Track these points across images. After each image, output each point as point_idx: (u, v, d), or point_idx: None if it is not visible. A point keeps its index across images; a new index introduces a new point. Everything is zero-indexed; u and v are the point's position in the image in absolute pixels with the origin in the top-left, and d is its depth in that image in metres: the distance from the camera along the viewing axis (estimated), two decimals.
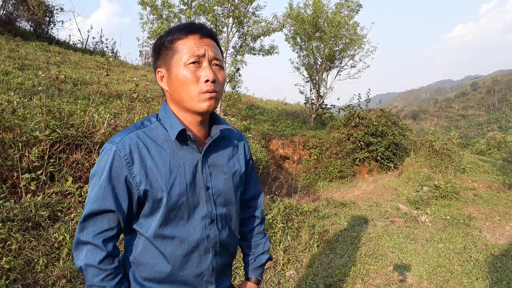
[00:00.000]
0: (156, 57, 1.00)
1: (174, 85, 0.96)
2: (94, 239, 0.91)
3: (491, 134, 26.45)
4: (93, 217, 0.91)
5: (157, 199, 0.94)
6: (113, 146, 0.92)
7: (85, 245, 0.92)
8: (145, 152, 0.94)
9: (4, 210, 2.55)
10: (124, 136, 0.94)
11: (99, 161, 0.94)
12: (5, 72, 6.59)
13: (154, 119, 1.02)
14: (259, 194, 1.29)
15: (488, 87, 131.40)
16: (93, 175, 0.94)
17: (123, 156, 0.91)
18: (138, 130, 0.97)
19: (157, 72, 1.00)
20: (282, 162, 8.32)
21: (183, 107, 0.98)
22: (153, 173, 0.93)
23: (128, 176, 0.92)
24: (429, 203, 5.75)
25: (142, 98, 5.44)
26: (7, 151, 3.02)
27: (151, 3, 7.93)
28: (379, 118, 9.49)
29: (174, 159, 0.97)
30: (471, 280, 3.18)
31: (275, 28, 8.75)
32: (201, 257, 1.02)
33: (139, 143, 0.94)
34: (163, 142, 0.97)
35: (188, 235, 0.98)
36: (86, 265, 0.91)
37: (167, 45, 0.96)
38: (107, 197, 0.90)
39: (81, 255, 0.92)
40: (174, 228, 0.97)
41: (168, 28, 1.00)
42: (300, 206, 4.66)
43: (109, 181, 0.91)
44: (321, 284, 2.97)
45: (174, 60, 0.94)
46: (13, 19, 10.32)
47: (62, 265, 2.31)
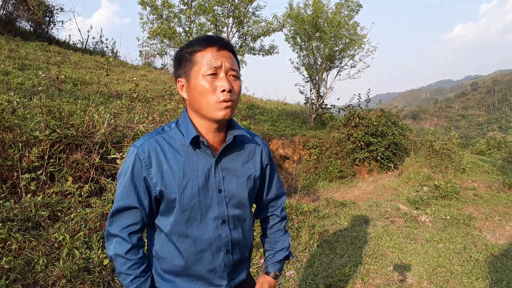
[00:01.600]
0: (177, 68, 1.08)
1: (193, 95, 1.03)
2: (121, 232, 1.03)
3: (491, 134, 26.46)
4: (120, 213, 1.04)
5: (171, 199, 1.03)
6: (135, 150, 1.03)
7: (114, 237, 1.04)
8: (162, 156, 1.03)
9: (4, 210, 2.55)
10: (144, 141, 1.05)
11: (124, 162, 1.05)
12: (5, 72, 6.59)
13: (174, 125, 1.11)
14: (280, 195, 1.35)
15: (488, 87, 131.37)
16: (119, 175, 1.06)
17: (142, 159, 1.02)
18: (157, 135, 1.07)
19: (177, 81, 1.09)
20: (282, 162, 8.32)
21: (201, 115, 1.06)
22: (167, 175, 1.03)
23: (146, 177, 1.02)
24: (429, 203, 5.74)
25: (142, 98, 5.45)
26: (7, 151, 3.02)
27: (151, 3, 7.92)
28: (379, 118, 9.49)
29: (188, 163, 1.05)
30: (471, 280, 3.18)
31: (275, 28, 8.75)
32: (213, 255, 1.10)
33: (157, 147, 1.04)
34: (180, 147, 1.06)
35: (201, 235, 1.07)
36: (115, 255, 1.03)
37: (187, 57, 1.03)
38: (130, 195, 1.02)
39: (111, 246, 1.04)
40: (188, 228, 1.06)
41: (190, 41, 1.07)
42: (300, 206, 4.66)
43: (132, 181, 1.02)
44: (321, 284, 2.97)
45: (193, 71, 1.02)
46: (13, 19, 10.31)
47: (62, 265, 2.31)
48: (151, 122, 4.17)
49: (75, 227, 2.70)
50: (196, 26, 8.18)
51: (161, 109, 4.85)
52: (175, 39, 8.04)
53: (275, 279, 1.31)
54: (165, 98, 5.96)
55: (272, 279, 1.30)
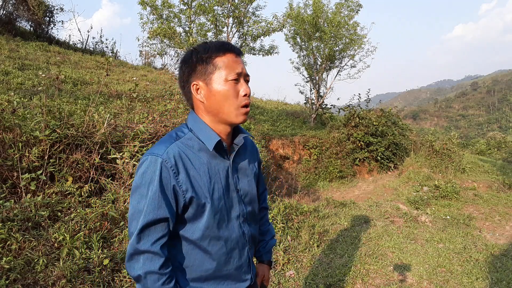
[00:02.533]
0: (191, 71, 1.07)
1: (216, 99, 1.04)
2: (153, 247, 0.97)
3: (491, 134, 26.45)
4: (150, 227, 0.98)
5: (201, 205, 1.03)
6: (158, 158, 0.99)
7: (141, 255, 0.97)
8: (188, 162, 1.03)
9: (4, 210, 2.55)
10: (166, 148, 1.01)
11: (143, 173, 0.99)
12: (5, 72, 6.59)
13: (187, 129, 1.09)
14: (265, 189, 1.46)
15: (488, 87, 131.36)
16: (137, 187, 1.00)
17: (169, 167, 0.99)
18: (176, 141, 1.04)
19: (192, 85, 1.06)
20: (282, 162, 8.32)
21: (219, 119, 1.07)
22: (196, 181, 1.03)
23: (175, 185, 0.99)
24: (429, 203, 5.74)
25: (142, 98, 5.44)
26: (7, 151, 3.02)
27: (151, 3, 7.93)
28: (379, 118, 9.49)
29: (211, 167, 1.07)
30: (471, 280, 3.18)
31: (275, 28, 8.76)
32: (240, 252, 1.14)
33: (181, 153, 1.02)
34: (199, 151, 1.06)
35: (230, 234, 1.10)
36: (146, 272, 0.96)
37: (206, 60, 1.04)
38: (161, 206, 0.97)
39: (138, 265, 0.97)
40: (219, 229, 1.07)
41: (201, 45, 1.08)
42: (300, 206, 4.66)
43: (161, 191, 0.97)
44: (321, 284, 2.97)
45: (215, 75, 1.03)
46: (13, 19, 10.31)
47: (62, 265, 2.31)
48: (151, 122, 4.17)
49: (75, 227, 2.70)
50: (196, 26, 8.18)
51: (161, 109, 4.85)
52: (175, 39, 8.04)
53: (269, 265, 1.42)
54: (165, 98, 5.96)
55: (268, 265, 1.41)
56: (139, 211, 0.98)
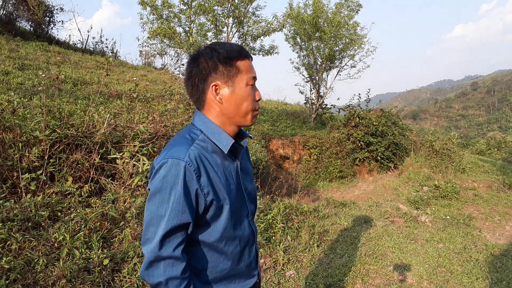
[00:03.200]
0: (211, 71, 1.05)
1: (235, 101, 1.06)
2: (175, 252, 0.96)
3: (491, 134, 26.44)
4: (174, 233, 0.96)
5: (219, 207, 1.03)
6: (181, 161, 0.96)
7: (162, 261, 0.95)
8: (208, 164, 1.02)
9: (4, 210, 2.55)
10: (187, 151, 0.99)
11: (164, 176, 0.96)
12: (5, 72, 6.59)
13: (198, 131, 1.07)
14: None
15: (488, 87, 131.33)
16: (157, 191, 0.96)
17: (193, 170, 0.97)
18: (193, 143, 1.02)
19: (212, 85, 1.05)
20: (282, 162, 8.31)
21: (232, 120, 1.09)
22: (216, 183, 1.02)
23: (198, 189, 0.98)
24: (429, 203, 5.74)
25: (142, 98, 5.44)
26: (7, 151, 3.02)
27: (151, 3, 7.93)
28: (379, 118, 9.49)
29: (225, 168, 1.08)
30: (471, 280, 3.18)
31: (275, 28, 8.75)
32: (250, 249, 1.18)
33: (201, 156, 1.01)
34: (213, 153, 1.06)
35: (243, 233, 1.13)
36: (168, 279, 0.94)
37: (230, 62, 1.05)
38: (185, 211, 0.96)
39: (158, 271, 0.95)
40: (235, 229, 1.09)
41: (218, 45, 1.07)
42: (300, 206, 4.66)
43: (184, 196, 0.96)
44: (321, 284, 2.97)
45: (238, 78, 1.05)
46: (13, 19, 10.31)
47: (62, 265, 2.31)
48: (151, 122, 4.17)
49: (75, 227, 2.70)
50: (196, 26, 8.18)
51: (161, 109, 4.85)
52: (175, 39, 8.04)
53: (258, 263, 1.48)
54: (165, 98, 5.96)
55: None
56: (160, 217, 0.95)
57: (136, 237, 2.83)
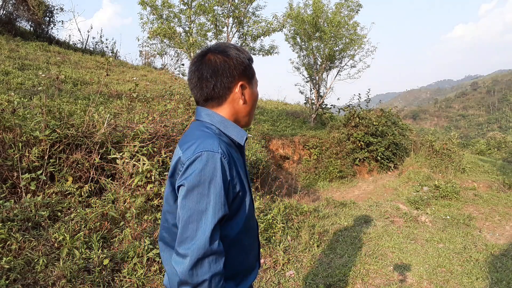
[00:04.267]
0: (240, 72, 1.08)
1: (251, 101, 1.14)
2: (220, 247, 0.94)
3: (491, 134, 26.43)
4: (217, 226, 0.94)
5: (243, 197, 1.05)
6: (216, 154, 0.95)
7: (206, 258, 0.91)
8: (234, 156, 1.04)
9: (4, 210, 2.55)
10: (217, 143, 0.98)
11: (201, 170, 0.93)
12: (5, 72, 6.59)
13: (213, 126, 1.07)
14: None
15: (488, 87, 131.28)
16: (195, 186, 0.93)
17: (227, 162, 0.98)
18: (216, 136, 1.02)
19: (239, 84, 1.09)
20: (282, 162, 8.31)
21: (242, 119, 1.14)
22: (241, 175, 1.06)
23: (230, 180, 0.99)
24: (429, 203, 5.74)
25: (142, 98, 5.44)
26: (7, 151, 3.02)
27: (151, 3, 7.93)
28: (379, 118, 9.49)
29: (240, 161, 1.11)
30: (471, 280, 3.18)
31: (275, 28, 8.76)
32: (256, 240, 1.22)
33: (228, 148, 1.03)
34: (232, 147, 1.09)
35: (254, 224, 1.18)
36: (213, 275, 0.91)
37: (250, 64, 1.13)
38: (225, 203, 0.95)
39: (203, 269, 0.90)
40: (252, 220, 1.14)
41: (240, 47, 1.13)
42: (300, 206, 4.65)
43: (224, 188, 0.95)
44: (321, 284, 2.97)
45: (254, 80, 1.15)
46: (13, 19, 10.30)
47: (62, 265, 2.31)
48: (151, 122, 4.17)
49: (75, 227, 2.70)
50: (196, 26, 8.18)
51: (161, 109, 4.85)
52: (175, 39, 8.04)
53: None
54: (165, 98, 5.95)
55: None
56: (200, 212, 0.92)
57: (136, 237, 2.83)
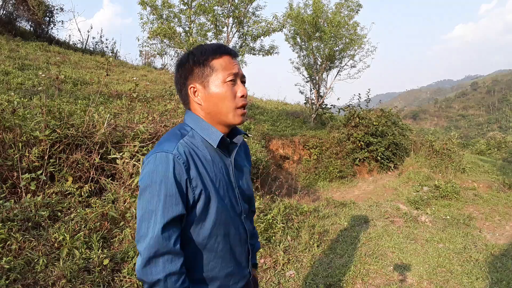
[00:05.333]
0: (188, 74, 1.08)
1: (213, 101, 1.05)
2: (175, 247, 0.95)
3: (491, 134, 26.40)
4: (170, 226, 0.95)
5: (207, 202, 1.02)
6: (169, 155, 0.97)
7: (161, 257, 0.93)
8: (197, 158, 1.03)
9: (4, 210, 2.55)
10: (175, 144, 1.00)
11: (153, 171, 0.96)
12: (5, 72, 6.59)
13: (189, 128, 1.09)
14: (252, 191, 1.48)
15: (488, 87, 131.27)
16: (148, 185, 0.96)
17: (182, 163, 0.97)
18: (183, 137, 1.04)
19: (189, 88, 1.08)
20: (282, 162, 8.31)
21: (217, 120, 1.08)
22: (204, 177, 1.02)
23: (187, 181, 0.98)
24: (429, 203, 5.74)
25: (142, 98, 5.44)
26: (7, 151, 3.02)
27: (151, 3, 7.93)
28: (379, 118, 9.48)
29: (214, 164, 1.07)
30: (471, 280, 3.18)
31: (275, 28, 8.76)
32: (241, 248, 1.16)
33: (190, 150, 1.02)
34: (203, 149, 1.07)
35: (234, 231, 1.11)
36: (167, 275, 0.92)
37: (203, 63, 1.05)
38: (178, 203, 0.96)
39: (157, 268, 0.92)
40: (226, 226, 1.08)
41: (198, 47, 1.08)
42: (300, 206, 4.65)
43: (176, 188, 0.95)
44: (321, 284, 2.97)
45: (212, 77, 1.05)
46: (13, 19, 10.31)
47: (62, 265, 2.31)
48: (151, 122, 4.17)
49: (75, 227, 2.70)
50: (196, 26, 8.18)
51: (161, 109, 4.85)
52: (175, 39, 8.04)
53: (256, 268, 1.43)
54: (165, 98, 5.96)
55: (254, 268, 1.41)
56: (151, 211, 0.94)
57: None
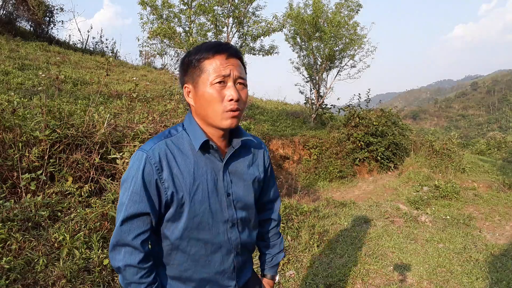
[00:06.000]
0: (184, 73, 1.07)
1: (200, 102, 1.03)
2: (133, 241, 0.99)
3: (491, 134, 26.40)
4: (130, 220, 0.99)
5: (180, 204, 1.02)
6: (144, 154, 1.00)
7: (123, 247, 0.99)
8: (172, 160, 1.02)
9: (4, 210, 2.55)
10: (153, 145, 1.02)
11: (130, 167, 1.01)
12: (5, 72, 6.59)
13: (181, 128, 1.10)
14: (277, 198, 1.38)
15: (488, 87, 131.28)
16: (124, 180, 1.02)
17: (153, 163, 0.99)
18: (166, 138, 1.05)
19: (184, 87, 1.08)
20: (282, 162, 8.31)
21: (207, 122, 1.06)
22: (179, 180, 1.01)
23: (158, 181, 0.99)
24: (429, 203, 5.74)
25: (142, 98, 5.44)
26: (7, 151, 3.02)
27: (151, 3, 7.92)
28: (379, 118, 9.48)
29: (198, 167, 1.05)
30: (471, 280, 3.18)
31: (275, 28, 8.74)
32: (223, 257, 1.10)
33: (167, 151, 1.02)
34: (188, 151, 1.05)
35: (212, 238, 1.07)
36: (125, 265, 0.99)
37: (195, 63, 1.02)
38: (142, 201, 0.98)
39: (119, 256, 0.99)
40: (200, 232, 1.05)
41: (197, 46, 1.06)
42: (300, 206, 4.66)
43: (143, 186, 0.98)
44: (321, 284, 2.97)
45: (201, 78, 1.01)
46: (13, 19, 10.31)
47: (62, 265, 2.31)
48: (151, 122, 4.17)
49: (75, 227, 2.70)
50: (196, 26, 8.17)
51: (161, 109, 4.85)
52: (175, 39, 8.04)
53: (273, 280, 1.37)
54: (165, 98, 5.96)
55: (271, 280, 1.36)
56: (122, 204, 1.00)
57: None
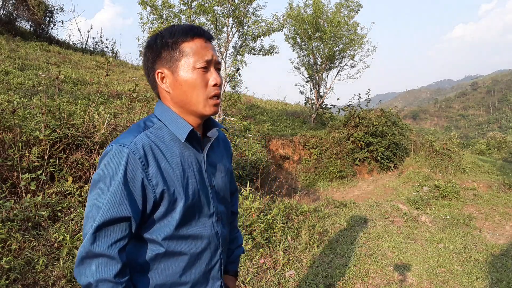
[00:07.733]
0: (155, 57, 0.96)
1: (182, 88, 0.94)
2: (109, 250, 0.84)
3: (491, 134, 26.40)
4: (107, 226, 0.85)
5: (172, 200, 0.92)
6: (124, 148, 0.87)
7: (94, 259, 0.84)
8: (158, 153, 0.91)
9: (4, 210, 2.55)
10: (134, 138, 0.90)
11: (106, 165, 0.87)
12: (5, 72, 6.59)
13: (156, 119, 0.99)
14: (236, 190, 1.32)
15: (488, 87, 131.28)
16: (98, 180, 0.87)
17: (138, 158, 0.87)
18: (145, 130, 0.93)
19: (157, 73, 0.96)
20: (282, 162, 8.31)
21: (187, 110, 0.97)
22: (168, 174, 0.92)
23: (144, 179, 0.88)
24: (429, 203, 5.74)
25: (142, 98, 5.44)
26: (7, 151, 3.02)
27: (151, 3, 7.92)
28: (379, 118, 9.49)
29: (183, 159, 0.96)
30: (471, 280, 3.18)
31: (275, 28, 8.75)
32: (211, 254, 1.02)
33: (151, 144, 0.91)
34: (170, 142, 0.96)
35: (201, 234, 0.99)
36: (98, 280, 0.82)
37: (172, 46, 0.93)
38: (123, 203, 0.85)
39: (90, 270, 0.83)
40: (189, 228, 0.96)
41: (167, 28, 0.97)
42: (300, 206, 4.65)
43: (124, 186, 0.85)
44: (321, 284, 2.97)
45: (181, 63, 0.93)
46: (13, 19, 10.31)
47: (62, 265, 2.31)
48: None
49: (75, 227, 2.70)
50: None
51: None
52: None
53: (235, 276, 1.27)
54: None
55: (233, 277, 1.26)
56: (97, 208, 0.85)
57: None
